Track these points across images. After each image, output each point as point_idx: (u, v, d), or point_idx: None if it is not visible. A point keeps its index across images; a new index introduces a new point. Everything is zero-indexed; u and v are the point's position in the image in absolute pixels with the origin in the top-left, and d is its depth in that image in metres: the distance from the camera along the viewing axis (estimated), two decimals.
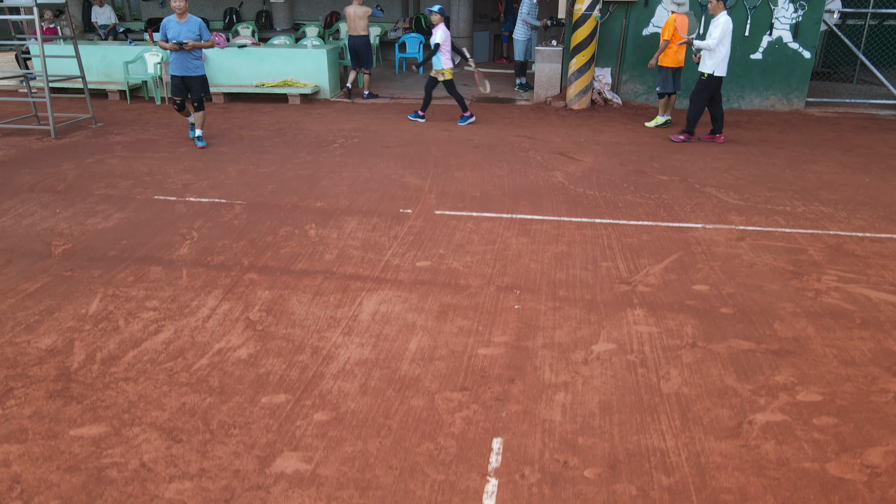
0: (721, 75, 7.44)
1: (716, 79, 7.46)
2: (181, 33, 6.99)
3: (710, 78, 7.45)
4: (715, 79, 7.46)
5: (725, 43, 7.31)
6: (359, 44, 10.15)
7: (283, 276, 4.27)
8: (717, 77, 7.45)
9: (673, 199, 5.78)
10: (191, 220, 5.28)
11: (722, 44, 7.30)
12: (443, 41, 8.38)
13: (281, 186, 6.14)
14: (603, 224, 5.20)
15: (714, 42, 7.27)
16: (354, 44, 10.14)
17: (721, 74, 7.43)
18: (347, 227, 5.13)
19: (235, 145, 7.70)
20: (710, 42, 7.32)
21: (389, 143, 7.83)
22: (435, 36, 8.42)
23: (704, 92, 7.55)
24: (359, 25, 10.07)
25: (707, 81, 7.48)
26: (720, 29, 7.23)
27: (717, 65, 7.39)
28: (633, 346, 3.45)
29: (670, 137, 7.99)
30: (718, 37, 7.24)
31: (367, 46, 10.21)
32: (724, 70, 7.42)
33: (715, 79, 7.46)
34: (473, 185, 6.18)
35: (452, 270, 4.35)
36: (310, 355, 3.36)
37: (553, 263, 4.46)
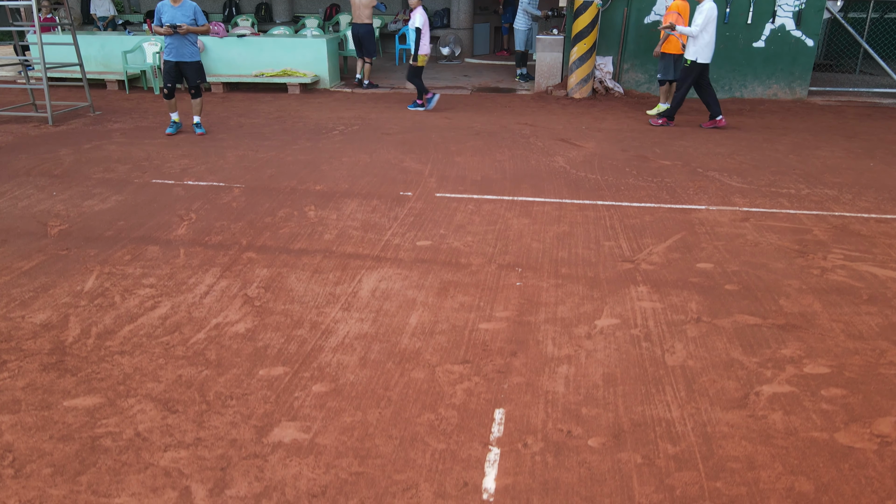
0: (704, 62, 7.46)
1: (699, 65, 7.47)
2: (175, 17, 6.89)
3: (693, 64, 7.47)
4: (698, 65, 7.47)
5: (709, 30, 7.34)
6: (362, 32, 10.13)
7: (282, 255, 4.21)
8: (700, 63, 7.46)
9: (676, 183, 5.72)
10: (189, 202, 5.23)
11: (706, 31, 7.33)
12: (423, 25, 8.29)
13: (280, 171, 6.09)
14: (605, 206, 5.14)
15: (697, 29, 7.30)
16: (358, 31, 10.12)
17: (704, 61, 7.46)
18: (347, 208, 5.07)
19: (234, 132, 7.64)
20: (692, 28, 7.35)
21: (389, 130, 7.77)
22: (414, 20, 8.36)
23: (688, 78, 7.57)
24: (362, 13, 10.06)
25: (690, 68, 7.50)
26: (703, 15, 7.25)
27: (700, 51, 7.42)
28: (637, 321, 3.40)
29: (650, 121, 8.01)
30: (701, 23, 7.27)
31: (370, 35, 10.19)
32: (707, 57, 7.45)
33: (698, 65, 7.47)
34: (474, 170, 6.12)
35: (453, 249, 4.30)
36: (308, 330, 3.31)
37: (555, 243, 4.40)
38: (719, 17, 9.06)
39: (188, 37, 7.07)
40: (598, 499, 2.22)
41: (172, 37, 6.96)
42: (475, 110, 8.97)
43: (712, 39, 7.38)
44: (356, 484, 2.29)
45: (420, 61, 8.54)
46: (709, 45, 7.40)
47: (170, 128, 7.40)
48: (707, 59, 7.46)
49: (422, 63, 8.56)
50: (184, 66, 7.14)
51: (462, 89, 10.46)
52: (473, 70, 12.66)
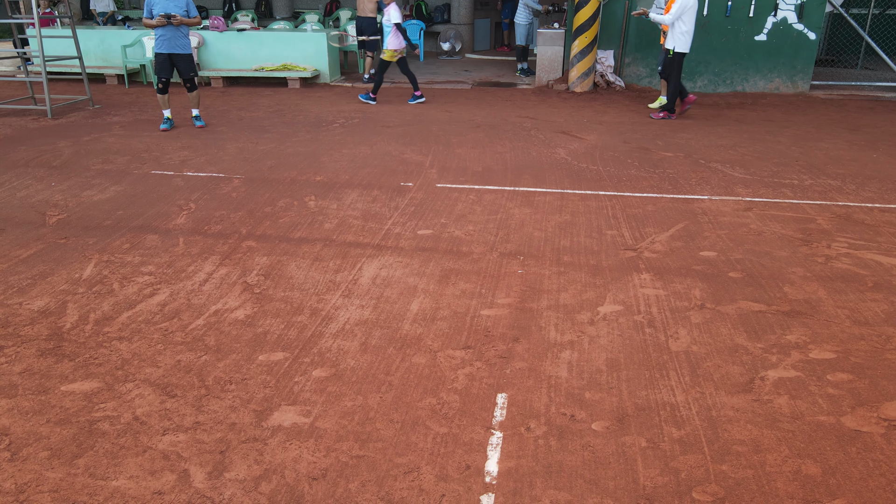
0: (682, 51, 7.48)
1: (679, 54, 7.52)
2: (168, 8, 6.80)
3: (675, 54, 7.50)
4: (679, 54, 7.52)
5: (686, 19, 7.36)
6: (366, 25, 10.18)
7: (282, 244, 4.18)
8: (680, 53, 7.50)
9: (678, 174, 5.69)
10: (188, 192, 5.20)
11: (682, 21, 7.36)
12: (398, 19, 8.33)
13: (280, 162, 6.06)
14: (607, 196, 5.11)
15: (670, 17, 7.30)
16: (361, 25, 10.19)
17: (682, 51, 7.47)
18: (347, 198, 5.04)
19: (234, 125, 7.61)
20: (666, 17, 7.36)
21: (390, 123, 7.74)
22: (390, 15, 8.34)
23: (676, 68, 7.60)
24: (367, 7, 10.10)
25: (674, 58, 7.54)
26: (678, 4, 7.27)
27: (678, 41, 7.45)
28: (641, 307, 3.36)
29: (650, 115, 8.05)
30: (675, 12, 7.27)
31: (373, 28, 10.20)
32: (685, 46, 7.46)
33: (679, 54, 7.52)
34: (475, 161, 6.09)
35: (454, 238, 4.26)
36: (308, 316, 3.28)
37: (557, 232, 4.37)
38: (720, 11, 9.04)
39: (181, 28, 6.98)
40: (603, 482, 2.19)
41: (165, 28, 6.85)
42: (476, 104, 8.94)
43: (690, 29, 7.40)
44: (357, 467, 2.26)
45: (387, 55, 8.52)
46: (686, 34, 7.42)
47: (164, 124, 7.34)
48: (685, 49, 7.50)
49: (389, 58, 8.56)
50: (177, 58, 7.06)
51: (463, 84, 10.43)
52: (474, 65, 12.63)
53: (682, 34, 7.45)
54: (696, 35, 9.18)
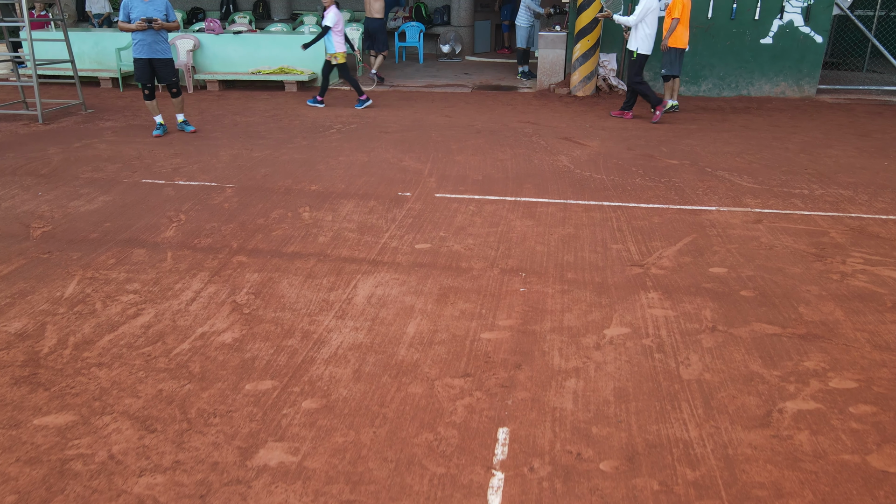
0: (645, 53, 7.55)
1: (643, 56, 7.58)
2: (148, 12, 6.61)
3: (638, 56, 7.57)
4: (642, 56, 7.57)
5: (649, 21, 7.46)
6: (374, 26, 10.21)
7: (274, 259, 4.02)
8: (643, 55, 7.56)
9: (684, 183, 5.52)
10: (179, 203, 5.03)
11: (645, 22, 7.42)
12: (333, 24, 8.22)
13: (274, 170, 5.89)
14: (611, 207, 4.94)
15: (634, 18, 7.40)
16: (370, 26, 10.25)
17: (645, 52, 7.54)
18: (343, 209, 4.88)
19: (229, 131, 7.44)
20: (630, 18, 7.47)
21: (388, 128, 7.57)
22: (326, 18, 8.24)
23: (639, 69, 7.67)
24: (374, 8, 10.07)
25: (637, 59, 7.61)
26: (642, 5, 7.33)
27: (641, 42, 7.51)
28: (649, 330, 3.20)
29: (652, 121, 8.00)
30: (638, 13, 7.35)
31: (381, 29, 10.26)
32: (648, 48, 7.52)
33: (642, 56, 7.57)
34: (475, 169, 5.92)
35: (453, 253, 4.10)
36: (300, 340, 3.11)
37: (560, 246, 4.20)
38: (725, 13, 8.87)
39: (161, 33, 6.80)
40: None
41: (145, 33, 6.66)
42: (476, 108, 8.77)
43: (653, 31, 7.48)
44: None
45: (340, 59, 8.42)
46: (649, 36, 7.50)
47: (156, 130, 7.18)
48: (648, 50, 7.55)
49: (342, 60, 8.43)
50: (157, 63, 6.87)
51: (463, 87, 10.27)
52: (474, 68, 12.46)
53: (646, 36, 7.52)
54: (701, 38, 9.03)
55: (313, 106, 8.77)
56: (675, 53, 7.94)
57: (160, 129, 7.15)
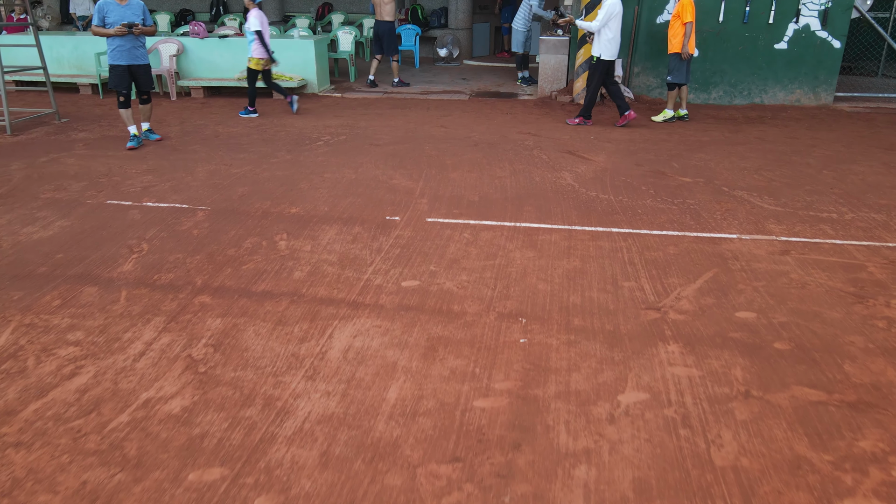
0: (608, 58, 7.31)
1: (605, 62, 7.33)
2: (125, 16, 6.29)
3: (598, 61, 7.33)
4: (604, 62, 7.33)
5: (612, 26, 7.19)
6: (383, 29, 9.84)
7: (241, 300, 3.54)
8: (605, 60, 7.31)
9: (700, 205, 5.05)
10: (143, 228, 4.56)
11: (608, 27, 7.19)
12: (260, 27, 7.78)
13: (253, 189, 5.42)
14: (621, 234, 4.46)
15: (597, 23, 7.17)
16: (379, 29, 9.88)
17: (608, 58, 7.30)
18: (324, 237, 4.40)
19: (209, 143, 6.97)
20: (593, 23, 7.23)
21: (379, 140, 7.10)
22: (250, 23, 7.79)
23: (596, 75, 7.44)
24: (384, 10, 9.72)
25: (597, 65, 7.37)
26: (605, 10, 7.12)
27: (604, 48, 7.26)
28: (671, 395, 2.72)
29: (566, 121, 7.86)
30: (602, 18, 7.13)
31: (391, 33, 9.89)
32: (611, 53, 7.29)
33: (604, 62, 7.33)
34: (471, 188, 5.45)
35: (445, 292, 3.63)
36: (260, 409, 2.64)
37: (565, 283, 3.73)
38: (737, 17, 8.40)
39: (140, 38, 6.51)
40: None
41: (124, 38, 6.35)
42: (474, 117, 8.30)
43: (615, 36, 7.24)
44: None
45: (252, 64, 7.99)
46: (612, 41, 7.25)
47: (131, 141, 6.75)
48: (611, 56, 7.30)
49: (255, 66, 8.01)
50: (137, 69, 6.56)
51: (460, 94, 9.79)
52: (472, 72, 11.98)
53: (608, 41, 7.24)
54: (711, 43, 8.56)
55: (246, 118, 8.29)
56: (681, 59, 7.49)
57: (135, 140, 6.70)
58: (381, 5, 9.73)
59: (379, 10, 9.80)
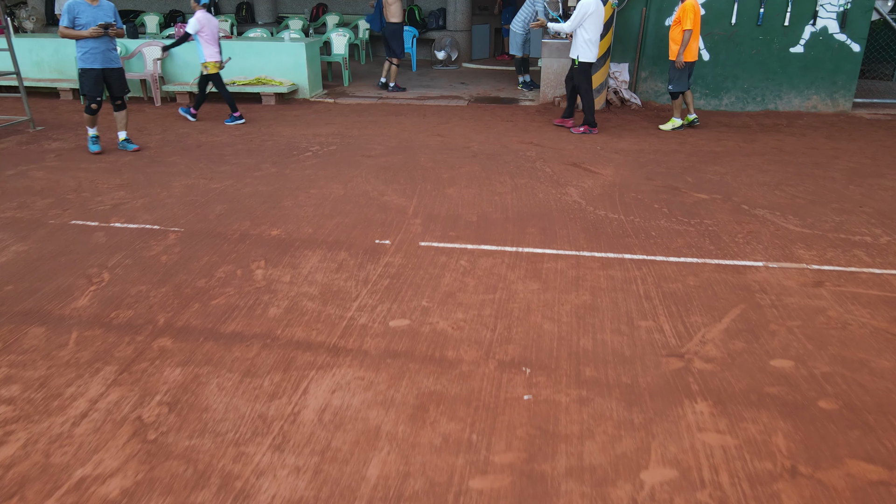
0: (585, 60, 6.97)
1: (587, 64, 7.03)
2: (98, 17, 5.97)
3: (580, 64, 7.03)
4: (586, 64, 7.03)
5: (588, 28, 6.84)
6: (388, 31, 9.49)
7: (207, 344, 3.12)
8: (586, 62, 7.01)
9: (719, 226, 4.62)
10: (107, 254, 4.13)
11: (584, 28, 6.84)
12: (195, 30, 7.34)
13: (233, 207, 4.99)
14: (634, 261, 4.04)
15: (569, 25, 6.84)
16: (385, 30, 9.54)
17: (586, 60, 6.98)
18: (306, 265, 3.98)
19: (190, 154, 6.54)
20: (565, 25, 6.91)
21: (372, 151, 6.67)
22: (189, 24, 7.39)
23: (583, 79, 7.10)
24: (390, 11, 9.36)
25: (579, 68, 7.06)
26: (578, 10, 6.79)
27: (581, 50, 6.96)
28: (703, 472, 2.30)
29: (571, 130, 7.46)
30: (575, 19, 6.80)
31: (396, 34, 9.49)
32: (588, 56, 6.96)
33: (586, 64, 7.03)
34: (469, 206, 5.02)
35: (438, 334, 3.20)
36: (215, 492, 2.21)
37: (574, 322, 3.30)
38: (751, 19, 7.97)
39: (113, 40, 6.18)
40: None
41: (98, 40, 6.03)
42: (473, 125, 7.86)
43: (593, 37, 6.88)
44: None
45: (210, 68, 7.59)
46: (590, 42, 6.91)
47: (94, 145, 6.48)
48: (591, 58, 6.98)
49: (212, 70, 7.59)
50: (111, 73, 6.23)
51: (458, 99, 9.36)
52: (471, 76, 11.55)
53: (585, 42, 6.90)
54: (723, 47, 8.14)
55: (184, 116, 7.98)
56: (686, 67, 7.06)
57: (96, 142, 6.47)
58: (386, 5, 9.41)
59: (386, 11, 9.49)
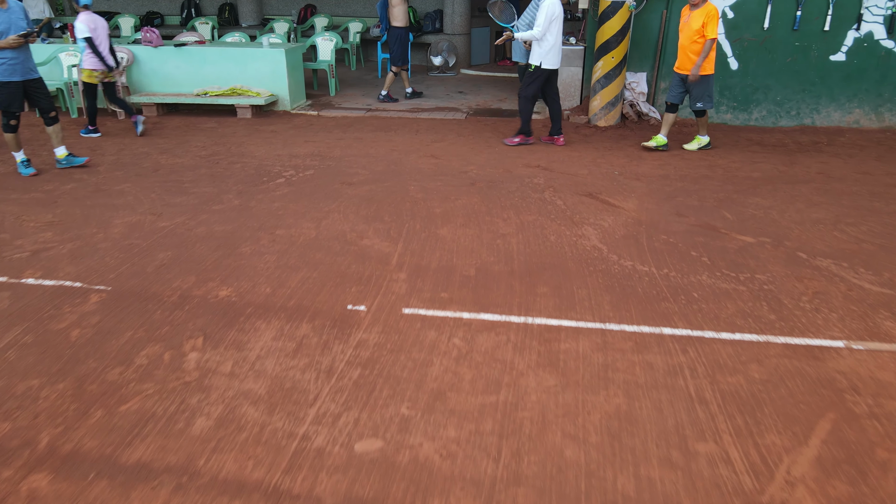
0: (550, 67, 6.41)
1: (545, 71, 6.41)
2: (12, 24, 5.22)
3: (537, 69, 6.40)
4: (544, 70, 6.41)
5: (552, 31, 6.29)
6: (392, 36, 8.68)
7: (98, 485, 2.23)
8: (546, 69, 6.40)
9: (775, 283, 3.73)
10: (3, 327, 3.24)
11: (549, 32, 6.27)
12: (84, 34, 6.66)
13: (179, 255, 4.10)
14: (677, 339, 3.15)
15: (539, 30, 6.22)
16: (391, 36, 8.73)
17: (550, 66, 6.40)
18: (256, 344, 3.09)
19: (143, 181, 5.64)
20: (535, 32, 6.25)
21: (354, 176, 5.77)
22: (77, 29, 6.71)
23: (534, 84, 6.49)
24: (393, 14, 8.57)
25: (535, 73, 6.43)
26: (544, 14, 6.16)
27: (545, 56, 6.34)
28: None
29: (504, 141, 6.86)
30: (543, 24, 6.18)
31: (399, 39, 8.67)
32: (553, 62, 6.39)
33: (544, 70, 6.41)
34: (466, 253, 4.13)
35: (421, 467, 2.31)
36: None
37: (607, 446, 2.41)
38: (786, 23, 7.08)
39: (30, 48, 5.46)
40: None
41: (17, 49, 5.29)
42: (471, 144, 6.96)
43: (556, 42, 6.34)
44: None
45: (86, 76, 6.86)
46: (554, 48, 6.34)
47: (26, 168, 5.70)
48: (553, 65, 6.41)
49: (88, 79, 6.85)
50: (31, 85, 5.50)
51: (455, 112, 8.46)
52: (470, 84, 10.65)
53: (550, 48, 6.30)
54: (754, 54, 7.25)
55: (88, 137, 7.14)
56: (711, 80, 6.16)
57: (27, 165, 5.70)
58: (390, 8, 8.64)
59: (390, 14, 8.71)
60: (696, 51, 6.04)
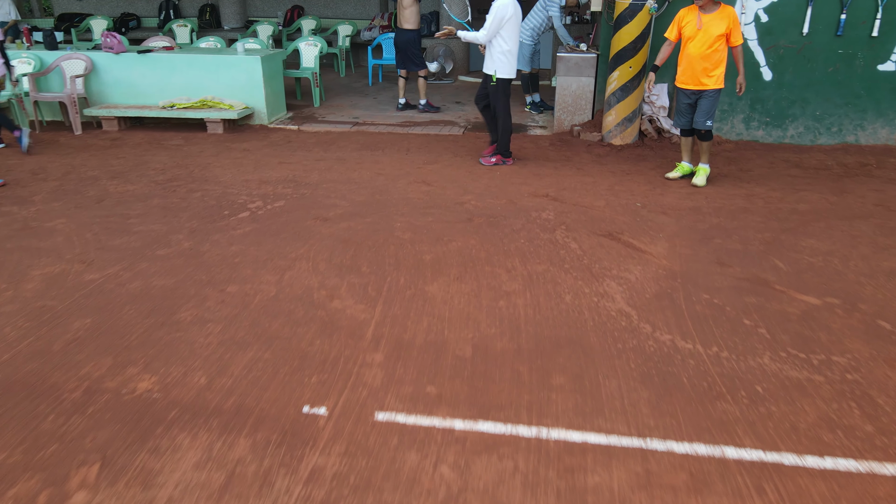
0: (505, 77, 5.62)
1: (505, 81, 5.66)
2: None
3: (498, 82, 5.64)
4: (504, 81, 5.65)
5: (506, 36, 5.49)
6: (402, 39, 7.87)
7: None
8: (505, 80, 5.65)
9: (860, 369, 2.88)
10: None
11: (501, 37, 5.49)
12: None
13: (99, 323, 3.26)
14: (745, 465, 2.30)
15: (485, 33, 5.47)
16: (399, 39, 7.91)
17: (505, 76, 5.61)
18: (169, 479, 2.25)
19: (84, 213, 4.80)
20: (480, 34, 5.51)
21: (331, 210, 4.92)
22: None
23: (504, 97, 5.74)
24: (402, 16, 7.78)
25: (497, 86, 5.66)
26: (493, 15, 5.41)
27: (500, 65, 5.59)
28: None
29: (480, 160, 6.09)
30: (490, 26, 5.42)
31: (413, 43, 7.88)
32: (507, 71, 5.60)
33: (504, 81, 5.65)
34: (460, 322, 3.28)
35: None
36: None
37: None
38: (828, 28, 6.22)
39: None
40: None
41: None
42: (469, 166, 6.12)
43: (512, 48, 5.55)
44: None
45: None
46: (507, 54, 5.54)
47: None
48: (508, 74, 5.62)
49: None
50: None
51: (452, 126, 7.61)
52: (469, 93, 9.79)
53: (503, 54, 5.53)
54: (790, 63, 6.42)
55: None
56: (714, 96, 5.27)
57: None
58: (399, 9, 7.86)
59: (398, 16, 7.93)
60: (716, 60, 5.17)
